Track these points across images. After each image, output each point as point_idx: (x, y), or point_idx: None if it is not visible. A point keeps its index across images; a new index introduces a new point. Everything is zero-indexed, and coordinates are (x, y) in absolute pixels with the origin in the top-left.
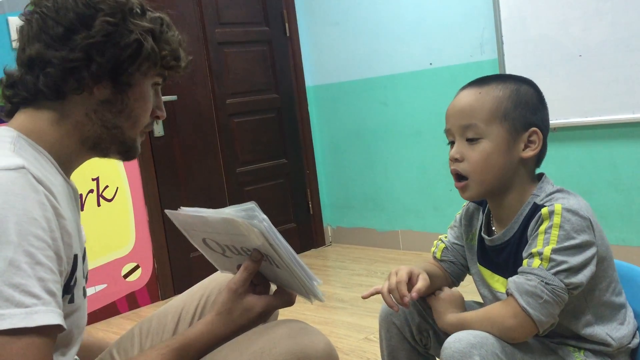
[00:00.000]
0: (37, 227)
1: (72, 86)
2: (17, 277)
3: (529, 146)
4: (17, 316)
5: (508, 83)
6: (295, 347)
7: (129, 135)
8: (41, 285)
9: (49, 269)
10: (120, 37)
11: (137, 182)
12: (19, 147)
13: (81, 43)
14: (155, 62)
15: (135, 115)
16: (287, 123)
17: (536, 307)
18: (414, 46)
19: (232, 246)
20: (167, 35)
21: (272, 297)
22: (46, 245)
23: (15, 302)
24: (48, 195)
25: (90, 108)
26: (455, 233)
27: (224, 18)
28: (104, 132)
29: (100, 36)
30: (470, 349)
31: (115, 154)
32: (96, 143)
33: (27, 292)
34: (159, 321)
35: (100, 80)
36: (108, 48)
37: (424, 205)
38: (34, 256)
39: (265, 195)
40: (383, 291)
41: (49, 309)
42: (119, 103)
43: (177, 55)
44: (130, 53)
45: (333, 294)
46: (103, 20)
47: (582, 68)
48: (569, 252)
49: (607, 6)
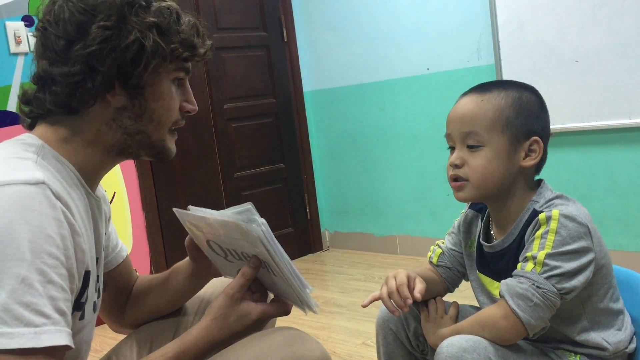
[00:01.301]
0: (51, 244)
1: (81, 100)
2: (29, 296)
3: (530, 155)
4: (25, 336)
5: (510, 90)
6: (291, 356)
7: (155, 138)
8: (52, 305)
9: (60, 288)
10: (118, 40)
11: (135, 187)
12: (42, 157)
13: (80, 54)
14: (165, 57)
15: (158, 117)
16: (284, 128)
17: (526, 310)
18: (411, 51)
19: (234, 250)
20: (177, 26)
21: (269, 305)
22: (59, 263)
23: (25, 321)
24: (65, 212)
25: (108, 117)
26: (453, 239)
27: (221, 23)
28: (128, 139)
29: (97, 43)
30: (462, 353)
31: (146, 156)
32: (122, 150)
33: (37, 312)
34: (157, 326)
35: (111, 88)
36: (108, 54)
37: (421, 210)
38: (46, 274)
39: (262, 200)
40: (383, 296)
41: (57, 328)
42: (136, 107)
43: (190, 43)
44: (133, 55)
45: (330, 299)
46: (99, 26)
47: (578, 74)
48: (564, 257)
49: (604, 12)
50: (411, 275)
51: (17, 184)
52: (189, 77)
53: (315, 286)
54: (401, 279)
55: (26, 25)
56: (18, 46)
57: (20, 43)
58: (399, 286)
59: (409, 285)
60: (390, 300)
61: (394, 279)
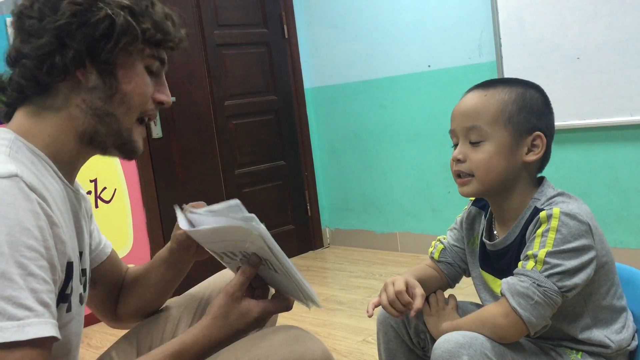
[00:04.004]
0: (29, 237)
1: (49, 73)
2: (9, 290)
3: (532, 150)
4: (9, 329)
5: (514, 87)
6: (293, 355)
7: (123, 123)
8: (34, 297)
9: (42, 280)
10: (89, 15)
11: (135, 183)
12: (15, 150)
13: (49, 28)
14: (135, 36)
15: (129, 100)
16: (285, 125)
17: (527, 308)
18: (412, 48)
19: (230, 252)
20: (150, 10)
21: (270, 301)
22: (39, 255)
23: (7, 315)
24: (41, 203)
25: (79, 98)
26: (455, 235)
27: (222, 20)
28: (98, 122)
29: (66, 17)
30: (458, 349)
31: (113, 148)
32: (92, 137)
33: (19, 305)
34: (158, 323)
35: (80, 64)
36: (78, 28)
37: (422, 208)
38: (26, 267)
39: (263, 197)
40: (384, 303)
41: (42, 320)
42: (107, 88)
43: (163, 28)
44: (103, 30)
45: (331, 296)
46: (69, 1)
47: (580, 71)
48: (565, 255)
49: (605, 9)
50: (409, 281)
51: None
52: (165, 70)
53: (316, 283)
54: (399, 286)
55: None
56: None
57: None
58: (397, 293)
59: (408, 290)
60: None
61: (392, 285)
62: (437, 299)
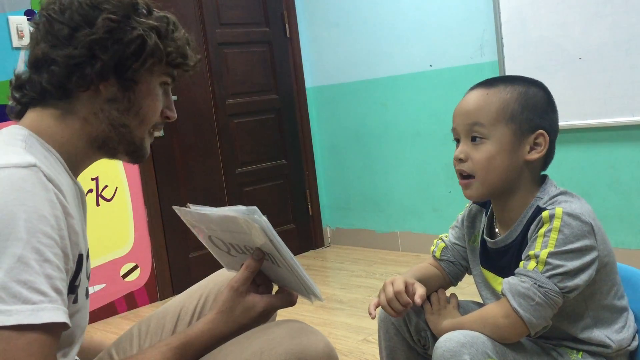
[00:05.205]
0: (46, 224)
1: (77, 83)
2: (25, 274)
3: (535, 149)
4: (23, 312)
5: (517, 85)
6: (295, 348)
7: (136, 134)
8: (48, 283)
9: (56, 267)
10: (123, 33)
11: (137, 182)
12: (30, 145)
13: (84, 40)
14: (161, 58)
15: (143, 114)
16: (286, 124)
17: (528, 309)
18: (414, 48)
19: (237, 245)
20: (174, 34)
21: (274, 296)
22: (54, 243)
23: (22, 298)
24: (57, 194)
25: (97, 107)
26: (456, 233)
27: (224, 18)
28: (112, 131)
29: (102, 32)
30: (460, 348)
31: (123, 154)
32: (104, 142)
33: (34, 289)
34: (158, 321)
35: (105, 78)
36: (111, 44)
37: (423, 207)
38: (42, 253)
39: (264, 196)
40: (382, 303)
41: (55, 306)
42: (125, 101)
43: (184, 52)
44: (134, 49)
45: (332, 295)
46: (105, 17)
47: (582, 70)
48: (567, 256)
49: (607, 9)
50: (409, 280)
51: (9, 167)
52: (172, 86)
53: (317, 282)
54: (398, 286)
55: (29, 19)
56: (21, 40)
57: (22, 37)
58: (396, 293)
59: (408, 290)
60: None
61: (391, 285)
62: (438, 297)
